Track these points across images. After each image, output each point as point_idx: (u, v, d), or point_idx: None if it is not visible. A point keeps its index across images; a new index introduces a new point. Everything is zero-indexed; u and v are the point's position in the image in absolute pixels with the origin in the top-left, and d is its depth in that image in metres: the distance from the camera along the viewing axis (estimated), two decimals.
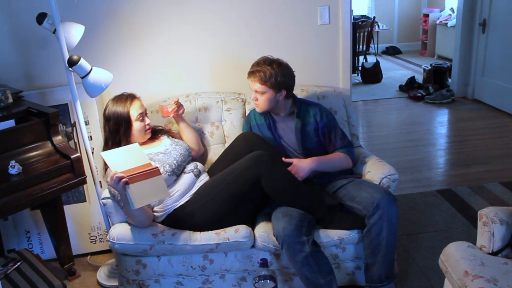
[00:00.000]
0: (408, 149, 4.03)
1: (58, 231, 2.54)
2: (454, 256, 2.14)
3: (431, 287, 2.33)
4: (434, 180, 3.43)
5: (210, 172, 2.39)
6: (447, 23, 7.20)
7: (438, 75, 5.86)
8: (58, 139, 2.37)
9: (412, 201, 3.12)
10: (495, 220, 2.15)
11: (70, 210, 2.69)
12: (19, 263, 2.26)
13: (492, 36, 4.87)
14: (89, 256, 2.79)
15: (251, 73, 2.30)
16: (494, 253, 2.15)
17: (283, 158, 2.29)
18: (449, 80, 5.84)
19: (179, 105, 2.44)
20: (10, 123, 2.33)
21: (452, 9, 7.14)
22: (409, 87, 5.90)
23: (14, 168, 2.20)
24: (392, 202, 2.12)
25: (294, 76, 2.34)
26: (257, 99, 2.33)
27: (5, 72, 2.60)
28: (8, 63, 2.62)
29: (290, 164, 2.28)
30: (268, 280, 2.14)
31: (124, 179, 1.95)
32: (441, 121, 4.80)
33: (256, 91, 2.32)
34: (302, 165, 2.28)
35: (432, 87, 5.70)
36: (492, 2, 4.74)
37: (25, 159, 2.28)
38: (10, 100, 2.36)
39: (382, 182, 2.29)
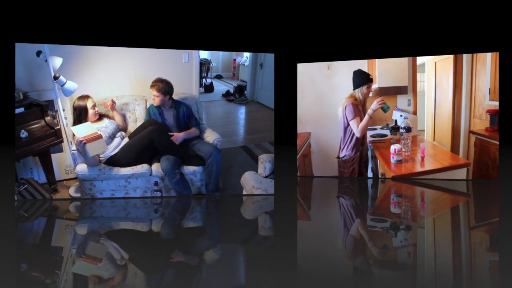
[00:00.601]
0: (226, 126, 5.27)
1: (48, 167, 3.89)
2: (247, 178, 4.02)
3: (237, 193, 4.20)
4: (239, 141, 4.63)
5: (129, 137, 4.14)
6: (244, 63, 9.34)
7: (240, 89, 7.68)
8: (48, 118, 3.86)
9: (228, 152, 4.45)
10: (266, 160, 4.03)
11: (55, 157, 3.97)
12: (26, 185, 3.80)
13: (265, 71, 6.83)
14: (65, 181, 4.00)
15: (152, 86, 4.05)
16: (266, 177, 4.03)
17: (168, 133, 4.09)
18: (246, 91, 7.76)
19: (113, 102, 4.06)
20: (21, 109, 3.82)
21: (247, 57, 9.31)
22: (227, 94, 7.85)
23: (23, 134, 3.75)
24: (218, 152, 4.05)
25: (173, 88, 4.13)
26: (155, 99, 4.10)
27: (19, 82, 3.84)
28: (21, 77, 3.87)
29: (172, 135, 4.10)
30: (158, 192, 4.06)
31: (83, 141, 3.71)
32: (242, 112, 6.39)
33: (154, 95, 4.08)
34: (179, 136, 4.12)
35: (237, 95, 7.66)
36: (265, 54, 6.75)
37: (29, 129, 3.80)
38: (21, 97, 3.81)
39: (214, 142, 4.18)
